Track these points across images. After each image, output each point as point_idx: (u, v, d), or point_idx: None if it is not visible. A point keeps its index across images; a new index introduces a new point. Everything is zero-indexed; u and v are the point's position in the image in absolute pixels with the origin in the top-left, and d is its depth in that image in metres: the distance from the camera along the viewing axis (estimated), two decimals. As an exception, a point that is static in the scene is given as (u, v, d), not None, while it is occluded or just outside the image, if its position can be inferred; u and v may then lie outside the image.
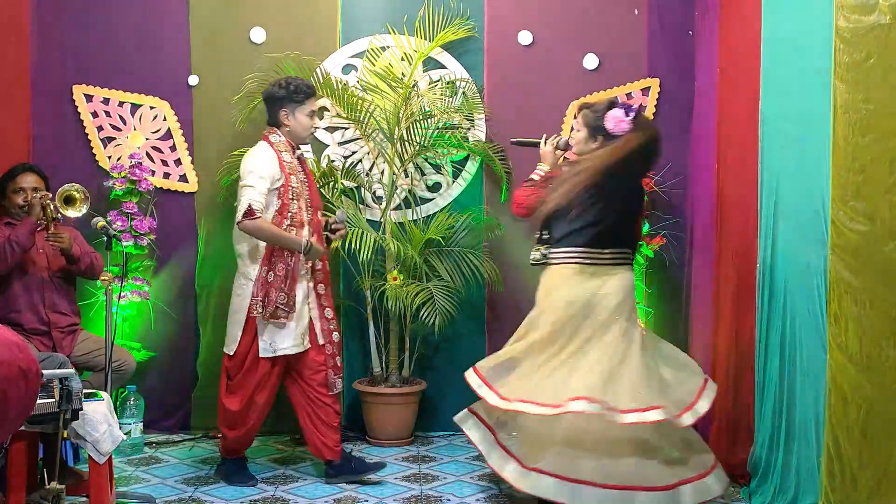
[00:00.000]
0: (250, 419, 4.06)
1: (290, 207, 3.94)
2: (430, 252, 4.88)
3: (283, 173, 3.94)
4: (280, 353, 3.98)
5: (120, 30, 4.88)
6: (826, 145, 3.27)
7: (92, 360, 4.24)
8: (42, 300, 4.14)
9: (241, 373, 4.01)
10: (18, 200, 4.16)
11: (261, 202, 3.86)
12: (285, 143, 4.04)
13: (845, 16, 3.15)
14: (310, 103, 4.06)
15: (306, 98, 4.04)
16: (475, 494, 4.00)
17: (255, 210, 3.83)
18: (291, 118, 4.04)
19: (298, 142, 4.12)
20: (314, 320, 4.09)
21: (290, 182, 3.95)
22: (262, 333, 3.96)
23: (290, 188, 3.95)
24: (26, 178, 4.19)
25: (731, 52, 4.32)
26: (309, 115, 4.07)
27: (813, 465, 3.44)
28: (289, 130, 4.06)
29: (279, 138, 4.05)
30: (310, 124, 4.09)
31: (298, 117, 4.04)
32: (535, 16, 5.02)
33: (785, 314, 3.65)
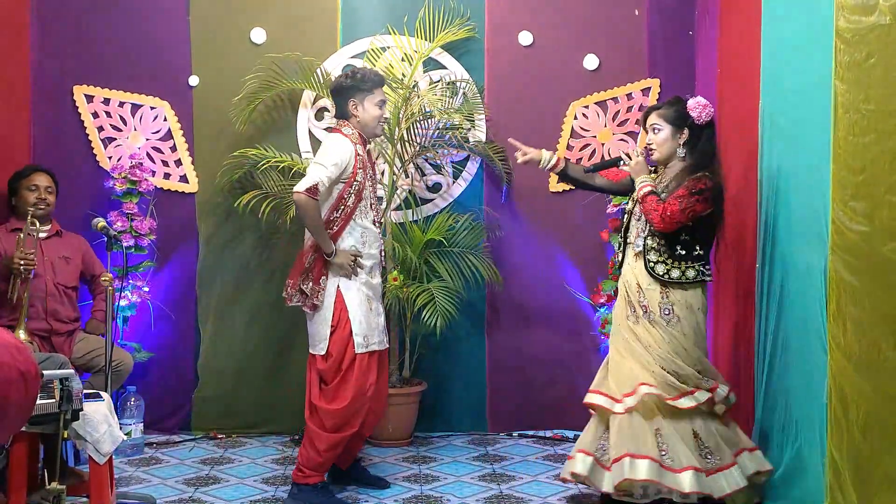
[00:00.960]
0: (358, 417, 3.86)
1: (347, 201, 3.80)
2: (430, 252, 4.88)
3: (354, 168, 3.79)
4: (371, 349, 3.86)
5: (120, 30, 4.89)
6: (826, 145, 3.27)
7: (91, 360, 4.25)
8: (45, 309, 4.15)
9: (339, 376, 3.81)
10: (32, 198, 4.18)
11: (326, 185, 3.70)
12: (357, 137, 3.89)
13: (846, 16, 3.15)
14: (379, 92, 3.91)
15: (374, 87, 3.88)
16: (475, 495, 4.00)
17: (319, 190, 3.67)
18: (361, 108, 3.88)
19: (369, 134, 3.95)
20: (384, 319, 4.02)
21: (357, 177, 3.80)
22: (358, 327, 3.80)
23: (356, 183, 3.79)
24: (41, 178, 4.23)
25: (731, 52, 4.32)
26: (378, 105, 3.90)
27: (813, 466, 3.44)
28: (358, 121, 3.89)
29: (351, 131, 3.88)
30: (379, 114, 3.91)
31: (367, 107, 3.87)
32: (536, 16, 5.02)
33: (784, 314, 3.65)
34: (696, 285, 3.66)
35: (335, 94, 3.96)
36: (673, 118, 3.69)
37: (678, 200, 3.55)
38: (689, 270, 3.64)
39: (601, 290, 4.89)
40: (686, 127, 3.68)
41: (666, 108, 3.73)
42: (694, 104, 3.65)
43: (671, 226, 3.58)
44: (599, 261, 5.01)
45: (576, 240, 5.02)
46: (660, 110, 3.74)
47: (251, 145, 4.84)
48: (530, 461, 4.52)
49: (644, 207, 3.65)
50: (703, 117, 3.65)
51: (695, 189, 3.56)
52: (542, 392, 5.04)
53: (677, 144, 3.70)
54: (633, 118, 5.01)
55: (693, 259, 3.65)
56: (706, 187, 3.57)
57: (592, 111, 5.02)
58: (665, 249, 3.66)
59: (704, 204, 3.57)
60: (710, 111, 3.66)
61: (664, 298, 3.65)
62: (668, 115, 3.70)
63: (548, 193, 5.03)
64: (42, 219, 4.22)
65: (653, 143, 3.74)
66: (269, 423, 4.93)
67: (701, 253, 3.66)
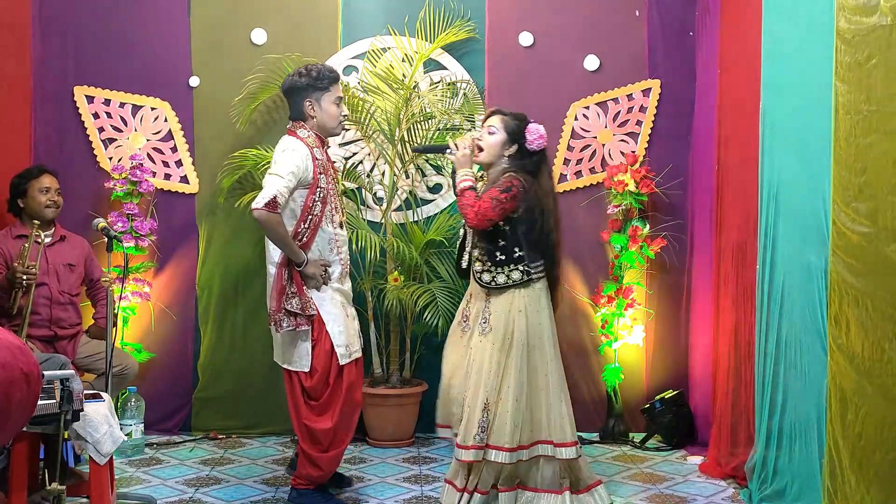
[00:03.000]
0: (347, 435, 3.78)
1: (313, 210, 3.64)
2: (431, 253, 4.88)
3: (314, 172, 3.62)
4: (354, 357, 3.75)
5: (121, 31, 4.89)
6: (827, 146, 3.27)
7: (93, 363, 4.25)
8: (49, 317, 4.15)
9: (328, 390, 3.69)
10: (44, 200, 4.18)
11: (285, 197, 3.52)
12: (314, 139, 3.71)
13: (846, 17, 3.15)
14: (335, 89, 3.73)
15: (331, 84, 3.71)
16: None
17: (279, 203, 3.48)
18: (317, 108, 3.70)
19: (327, 134, 3.78)
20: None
21: (319, 182, 3.64)
22: (338, 337, 3.68)
23: (319, 189, 3.64)
24: (50, 179, 4.23)
25: (731, 53, 4.32)
26: (335, 102, 3.73)
27: (813, 466, 3.44)
28: (316, 122, 3.73)
29: (307, 133, 3.71)
30: (338, 112, 3.74)
31: (325, 106, 3.70)
32: (536, 17, 5.02)
33: (785, 315, 3.65)
34: (525, 286, 3.65)
35: (288, 95, 3.77)
36: (511, 129, 3.69)
37: (490, 198, 3.55)
38: (513, 273, 3.64)
39: (602, 290, 4.90)
40: (517, 143, 3.69)
41: (510, 117, 3.73)
42: (533, 129, 3.67)
43: (483, 223, 3.57)
44: (600, 261, 5.02)
45: (576, 240, 5.02)
46: (504, 116, 3.74)
47: (251, 146, 4.84)
48: (531, 462, 4.51)
49: (460, 202, 3.63)
50: (532, 144, 3.67)
51: (503, 187, 3.57)
52: (543, 393, 5.04)
53: (503, 154, 3.70)
54: (634, 119, 5.01)
55: (514, 261, 3.65)
56: (514, 185, 3.57)
57: (593, 112, 5.02)
58: (486, 259, 3.67)
59: (513, 202, 3.57)
60: (542, 143, 3.67)
61: (485, 307, 3.67)
62: (508, 124, 3.71)
63: (548, 194, 5.03)
64: (48, 222, 4.21)
65: (483, 142, 3.73)
66: (269, 423, 4.92)
67: (522, 254, 3.65)
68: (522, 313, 3.62)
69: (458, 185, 3.66)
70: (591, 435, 4.92)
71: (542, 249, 3.67)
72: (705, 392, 4.59)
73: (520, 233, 3.62)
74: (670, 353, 5.01)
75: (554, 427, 3.62)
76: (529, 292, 3.64)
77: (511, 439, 3.55)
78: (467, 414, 3.60)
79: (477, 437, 3.55)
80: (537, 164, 3.69)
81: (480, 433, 3.55)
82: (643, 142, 5.01)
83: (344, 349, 3.69)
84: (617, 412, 4.92)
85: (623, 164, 4.87)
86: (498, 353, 3.59)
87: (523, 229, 3.62)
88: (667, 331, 5.01)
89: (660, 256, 4.93)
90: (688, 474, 4.29)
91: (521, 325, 3.61)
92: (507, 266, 3.63)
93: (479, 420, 3.55)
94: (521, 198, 3.58)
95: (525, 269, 3.63)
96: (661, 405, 4.77)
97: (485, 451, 3.56)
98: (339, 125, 3.80)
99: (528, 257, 3.64)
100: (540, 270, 3.68)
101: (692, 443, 4.73)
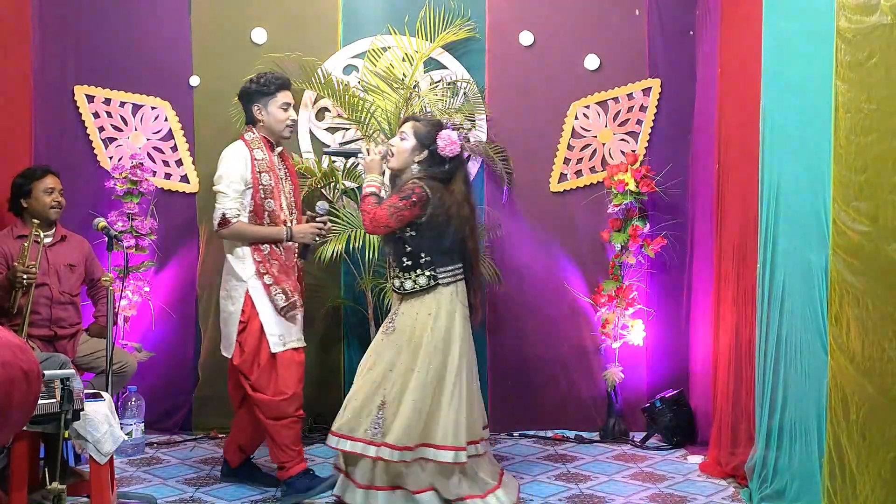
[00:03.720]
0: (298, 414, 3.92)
1: (264, 206, 3.85)
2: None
3: (252, 172, 3.84)
4: (290, 347, 3.89)
5: (121, 30, 4.89)
6: (827, 145, 3.27)
7: (93, 361, 4.25)
8: (49, 317, 4.15)
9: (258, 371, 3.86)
10: (48, 200, 4.16)
11: (234, 207, 3.81)
12: (259, 140, 3.92)
13: (847, 16, 3.15)
14: (282, 95, 3.93)
15: (278, 90, 3.92)
16: (476, 495, 3.99)
17: (229, 218, 3.80)
18: (264, 112, 3.92)
19: (275, 137, 3.97)
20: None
21: (261, 180, 3.84)
22: (271, 328, 3.85)
23: (261, 187, 3.84)
24: (54, 179, 4.22)
25: (731, 52, 4.32)
26: (282, 108, 3.92)
27: (813, 466, 3.44)
28: (263, 125, 3.94)
29: (253, 135, 3.93)
30: (284, 117, 3.93)
31: (271, 110, 3.92)
32: (537, 16, 5.02)
33: (785, 314, 3.65)
34: (431, 290, 3.68)
35: (241, 100, 4.01)
36: (422, 136, 3.72)
37: (388, 206, 3.61)
38: (419, 278, 3.68)
39: (602, 289, 4.90)
40: (428, 150, 3.71)
41: (422, 124, 3.76)
42: (445, 135, 3.69)
43: (378, 229, 3.64)
44: (600, 261, 5.02)
45: (576, 240, 5.02)
46: (417, 122, 3.78)
47: (252, 145, 4.84)
48: (531, 461, 4.51)
49: (361, 207, 3.71)
50: (444, 150, 3.69)
51: (403, 195, 3.62)
52: (543, 392, 5.04)
53: (413, 161, 3.74)
54: (634, 118, 5.01)
55: (421, 266, 3.68)
56: (414, 192, 3.61)
57: (593, 111, 5.02)
58: (395, 265, 3.75)
59: (413, 209, 3.60)
60: (455, 149, 3.69)
61: (396, 310, 3.76)
62: (419, 131, 3.74)
63: (548, 193, 5.04)
64: (50, 223, 4.21)
65: (395, 147, 3.77)
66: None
67: (429, 258, 3.68)
68: (431, 317, 3.67)
69: (363, 190, 3.73)
70: (591, 434, 4.92)
71: (460, 256, 3.73)
72: (705, 391, 4.59)
73: (428, 239, 3.67)
74: (670, 353, 5.01)
75: (442, 431, 3.63)
76: (438, 297, 3.69)
77: (400, 438, 3.58)
78: (356, 406, 3.67)
79: (369, 431, 3.62)
80: (451, 172, 3.72)
81: (374, 429, 3.61)
82: (643, 141, 5.01)
83: (277, 338, 3.85)
84: (617, 411, 4.93)
85: (623, 164, 4.87)
86: (404, 355, 3.65)
87: (432, 235, 3.66)
88: (667, 330, 5.01)
89: (660, 256, 4.93)
90: (688, 473, 4.29)
91: (428, 330, 3.66)
92: (414, 271, 3.69)
93: (373, 418, 3.62)
94: (424, 205, 3.62)
95: (432, 275, 3.68)
96: (661, 404, 4.77)
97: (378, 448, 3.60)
98: (285, 129, 3.97)
99: (438, 263, 3.69)
100: (452, 275, 3.72)
101: (692, 442, 4.74)
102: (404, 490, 3.67)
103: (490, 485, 3.74)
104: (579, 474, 4.27)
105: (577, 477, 4.23)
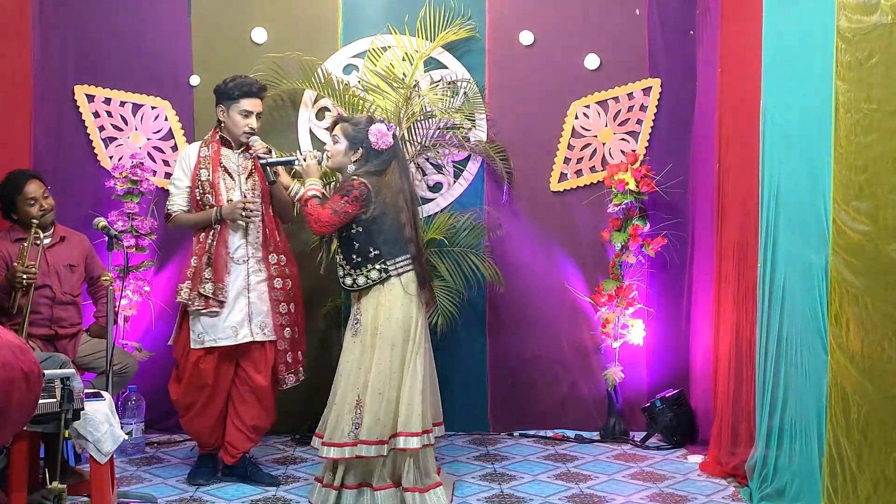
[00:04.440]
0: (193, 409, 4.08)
1: (203, 201, 4.03)
2: (431, 252, 4.87)
3: (194, 168, 4.05)
4: (208, 345, 3.98)
5: (121, 30, 4.88)
6: (828, 145, 3.27)
7: (94, 361, 4.24)
8: (50, 318, 4.14)
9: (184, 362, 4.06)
10: (34, 211, 4.06)
11: (175, 202, 4.11)
12: (216, 140, 4.09)
13: (847, 16, 3.16)
14: (245, 102, 4.03)
15: (241, 96, 4.03)
16: (475, 494, 4.00)
17: (171, 212, 4.13)
18: (226, 115, 4.07)
19: (234, 139, 4.09)
20: (254, 314, 4.04)
21: (199, 176, 4.03)
22: (193, 324, 4.00)
23: (199, 182, 4.03)
24: (33, 186, 4.09)
25: (732, 52, 4.32)
26: (242, 114, 4.04)
27: (813, 466, 3.44)
28: (224, 126, 4.09)
29: (210, 133, 4.13)
30: (243, 123, 4.04)
31: (231, 115, 4.05)
32: (537, 16, 5.02)
33: (786, 314, 3.65)
34: (385, 282, 3.74)
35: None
36: (352, 137, 3.79)
37: (330, 205, 3.68)
38: (371, 272, 3.73)
39: (602, 289, 4.90)
40: (361, 148, 3.78)
41: (351, 125, 3.83)
42: (375, 129, 3.76)
43: (327, 228, 3.71)
44: (600, 260, 5.02)
45: (576, 239, 5.02)
46: (345, 124, 3.84)
47: (252, 145, 4.84)
48: (531, 461, 4.52)
49: (305, 210, 3.76)
50: (378, 144, 3.76)
51: (344, 192, 3.69)
52: (543, 392, 5.04)
53: (349, 161, 3.82)
54: (635, 118, 5.01)
55: (371, 261, 3.74)
56: (353, 188, 3.67)
57: (593, 111, 5.02)
58: (345, 263, 3.79)
59: (355, 205, 3.67)
60: (388, 141, 3.77)
61: (357, 308, 3.80)
62: (348, 132, 3.80)
63: (548, 193, 5.04)
64: (45, 225, 4.17)
65: (330, 150, 3.86)
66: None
67: (377, 252, 3.74)
68: (385, 308, 3.72)
69: (304, 194, 3.79)
70: (591, 434, 4.92)
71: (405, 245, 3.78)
72: (706, 390, 4.59)
73: (373, 233, 3.72)
74: (671, 352, 5.01)
75: (408, 418, 3.68)
76: (392, 288, 3.74)
77: (372, 433, 3.63)
78: (336, 412, 3.72)
79: (351, 434, 3.65)
80: (385, 163, 3.79)
81: (355, 430, 3.65)
82: (643, 140, 5.01)
83: (196, 335, 4.00)
84: (617, 411, 4.93)
85: (623, 163, 4.87)
86: (370, 351, 3.71)
87: (376, 229, 3.72)
88: (667, 329, 5.01)
89: (660, 255, 4.93)
90: (688, 473, 4.29)
91: (385, 321, 3.71)
92: (365, 267, 3.75)
93: (352, 418, 3.66)
94: (367, 199, 3.68)
95: (383, 268, 3.74)
96: (661, 404, 4.77)
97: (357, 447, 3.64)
98: (242, 134, 4.06)
99: (388, 255, 3.74)
100: (402, 266, 3.77)
101: (693, 441, 4.74)
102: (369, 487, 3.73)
103: (433, 480, 3.78)
104: (579, 474, 4.28)
105: (578, 476, 4.23)
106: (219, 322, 3.98)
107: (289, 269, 4.15)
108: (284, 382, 4.13)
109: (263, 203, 4.09)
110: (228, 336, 3.99)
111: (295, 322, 4.14)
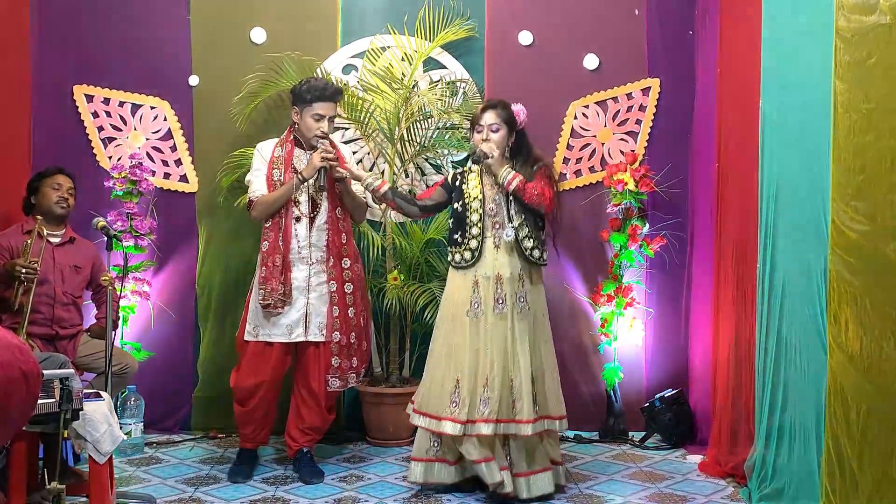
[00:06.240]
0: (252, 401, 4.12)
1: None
2: (430, 252, 4.88)
3: (268, 166, 4.10)
4: (262, 339, 4.06)
5: (121, 30, 4.89)
6: (826, 145, 3.28)
7: (94, 361, 4.24)
8: (50, 316, 4.14)
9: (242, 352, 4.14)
10: (54, 196, 4.17)
11: (258, 187, 4.10)
12: (289, 140, 4.15)
13: (846, 16, 3.16)
14: (318, 106, 4.06)
15: (314, 100, 4.05)
16: (475, 494, 3.99)
17: (253, 200, 4.10)
18: (299, 117, 4.11)
19: (305, 141, 4.13)
20: (312, 315, 4.07)
21: (272, 175, 4.08)
22: (251, 317, 4.10)
23: (273, 182, 4.07)
24: (65, 178, 4.23)
25: (731, 52, 4.32)
26: (314, 118, 4.07)
27: (812, 465, 3.45)
28: (297, 128, 4.14)
29: (285, 134, 4.19)
30: (314, 127, 4.07)
31: (304, 118, 4.09)
32: (536, 16, 5.02)
33: (785, 314, 3.65)
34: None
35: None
36: (508, 120, 3.84)
37: (548, 187, 3.79)
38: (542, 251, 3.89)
39: (601, 289, 4.90)
40: (514, 131, 3.86)
41: (501, 110, 3.85)
42: (519, 109, 3.84)
43: (554, 204, 3.83)
44: (599, 260, 5.02)
45: (576, 239, 5.02)
46: (496, 110, 3.85)
47: (251, 145, 4.81)
48: (530, 461, 4.51)
49: (528, 195, 3.76)
50: (522, 123, 3.85)
51: (547, 173, 3.83)
52: (542, 392, 5.04)
53: (506, 146, 3.86)
54: (634, 118, 5.02)
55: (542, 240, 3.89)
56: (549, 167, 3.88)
57: (592, 111, 5.03)
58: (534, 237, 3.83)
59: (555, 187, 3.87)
60: (524, 119, 3.86)
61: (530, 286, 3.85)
62: (505, 117, 3.84)
63: (548, 193, 5.03)
64: (59, 220, 4.20)
65: (492, 141, 3.83)
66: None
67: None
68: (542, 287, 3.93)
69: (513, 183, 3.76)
70: (590, 434, 4.92)
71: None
72: (705, 390, 4.59)
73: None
74: (670, 352, 5.01)
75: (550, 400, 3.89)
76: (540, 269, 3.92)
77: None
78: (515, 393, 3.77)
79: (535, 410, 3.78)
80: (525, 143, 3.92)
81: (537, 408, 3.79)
82: (643, 141, 5.01)
83: (251, 328, 4.10)
84: (616, 411, 4.93)
85: (623, 163, 4.87)
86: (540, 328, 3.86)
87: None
88: (666, 329, 5.01)
89: (659, 255, 4.93)
90: (687, 473, 4.29)
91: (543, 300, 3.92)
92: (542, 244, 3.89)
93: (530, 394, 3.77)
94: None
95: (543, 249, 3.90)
96: (660, 404, 4.77)
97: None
98: (313, 138, 4.09)
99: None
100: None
101: (692, 441, 4.74)
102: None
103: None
104: (579, 474, 4.27)
105: (577, 476, 4.23)
106: (275, 319, 4.04)
107: (352, 272, 4.16)
108: (328, 384, 4.14)
109: (329, 202, 4.11)
110: (283, 333, 4.06)
111: (349, 327, 4.15)
